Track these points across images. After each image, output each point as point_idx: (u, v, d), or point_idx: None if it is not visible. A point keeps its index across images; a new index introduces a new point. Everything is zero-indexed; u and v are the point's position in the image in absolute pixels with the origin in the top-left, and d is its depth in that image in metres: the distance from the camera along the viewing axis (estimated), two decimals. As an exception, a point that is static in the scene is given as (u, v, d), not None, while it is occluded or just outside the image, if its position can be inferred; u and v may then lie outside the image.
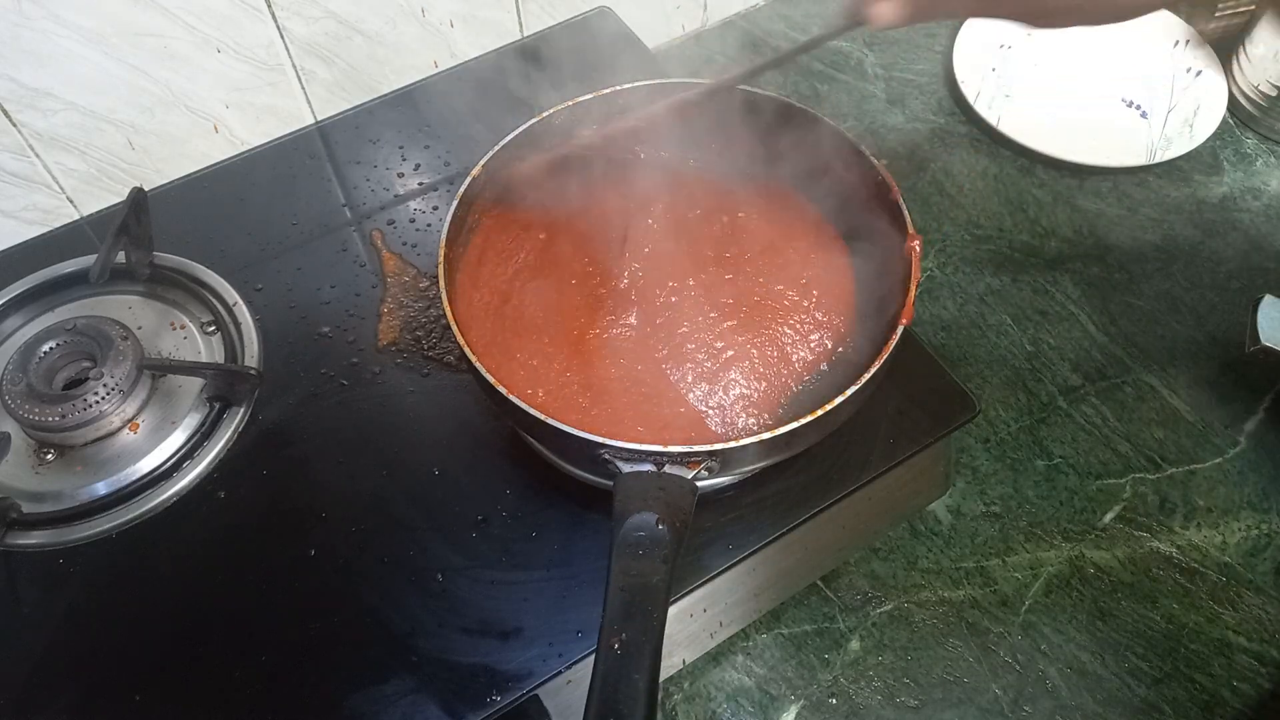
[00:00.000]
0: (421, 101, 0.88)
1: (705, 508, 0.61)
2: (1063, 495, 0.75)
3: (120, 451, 0.65)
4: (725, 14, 1.07)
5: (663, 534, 0.48)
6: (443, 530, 0.61)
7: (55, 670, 0.57)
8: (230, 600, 0.59)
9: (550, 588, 0.59)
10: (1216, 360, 0.81)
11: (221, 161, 0.84)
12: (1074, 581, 0.71)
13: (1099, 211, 0.90)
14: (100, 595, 0.60)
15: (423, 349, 0.70)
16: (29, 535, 0.62)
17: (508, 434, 0.65)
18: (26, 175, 0.78)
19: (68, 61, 0.74)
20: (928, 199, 0.92)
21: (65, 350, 0.66)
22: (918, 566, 0.72)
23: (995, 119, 0.95)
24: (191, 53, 0.78)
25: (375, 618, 0.58)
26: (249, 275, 0.74)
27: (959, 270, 0.87)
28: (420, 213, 0.79)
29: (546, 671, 0.56)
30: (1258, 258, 0.87)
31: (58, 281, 0.73)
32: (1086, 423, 0.78)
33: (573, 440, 0.52)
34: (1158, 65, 0.99)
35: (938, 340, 0.83)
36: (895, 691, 0.67)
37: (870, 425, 0.64)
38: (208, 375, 0.67)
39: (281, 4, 0.79)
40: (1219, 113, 0.94)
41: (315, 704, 0.55)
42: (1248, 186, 0.92)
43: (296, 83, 0.85)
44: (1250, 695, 0.66)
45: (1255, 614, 0.69)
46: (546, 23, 0.94)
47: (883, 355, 0.53)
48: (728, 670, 0.68)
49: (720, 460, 0.52)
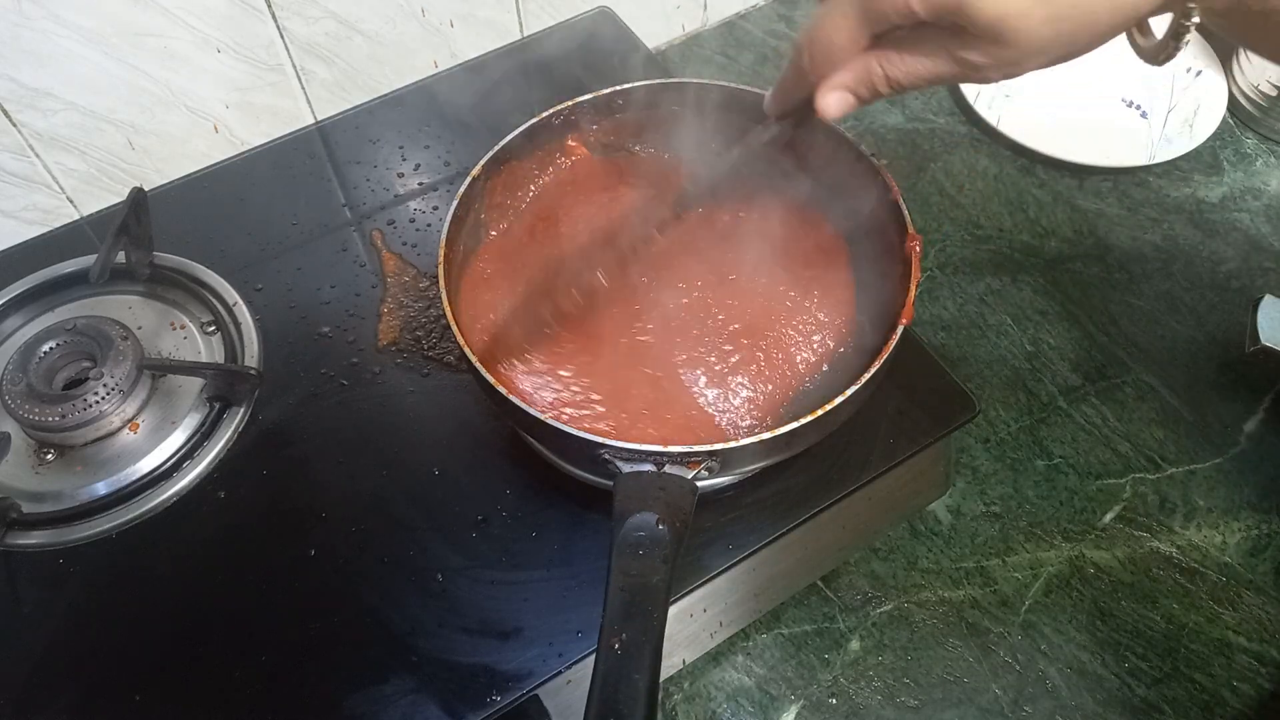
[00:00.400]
0: (421, 101, 0.88)
1: (705, 508, 0.61)
2: (1063, 495, 0.75)
3: (120, 451, 0.65)
4: (725, 14, 1.07)
5: (663, 534, 0.48)
6: (443, 530, 0.61)
7: (55, 670, 0.57)
8: (230, 600, 0.59)
9: (550, 588, 0.59)
10: (1216, 360, 0.81)
11: (221, 161, 0.84)
12: (1074, 581, 0.71)
13: (1099, 211, 0.90)
14: (100, 595, 0.60)
15: (423, 349, 0.70)
16: (29, 535, 0.62)
17: (508, 434, 0.65)
18: (26, 175, 0.78)
19: (68, 61, 0.74)
20: (928, 199, 0.92)
21: (65, 350, 0.66)
22: (918, 566, 0.72)
23: (995, 119, 0.95)
24: (191, 53, 0.78)
25: (375, 618, 0.58)
26: (249, 275, 0.74)
27: (959, 270, 0.87)
28: (420, 213, 0.79)
29: (546, 671, 0.56)
30: (1258, 258, 0.87)
31: (58, 281, 0.73)
32: (1086, 423, 0.78)
33: (573, 440, 0.52)
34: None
35: (938, 340, 0.83)
36: (895, 691, 0.67)
37: (870, 425, 0.64)
38: (208, 375, 0.67)
39: (281, 4, 0.79)
40: (1219, 113, 0.94)
41: (315, 704, 0.55)
42: (1248, 186, 0.92)
43: (296, 83, 0.85)
44: (1250, 695, 0.66)
45: (1255, 614, 0.69)
46: (546, 23, 0.94)
47: (883, 355, 0.53)
48: (728, 670, 0.68)
49: (720, 460, 0.52)
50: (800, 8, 1.08)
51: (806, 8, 1.07)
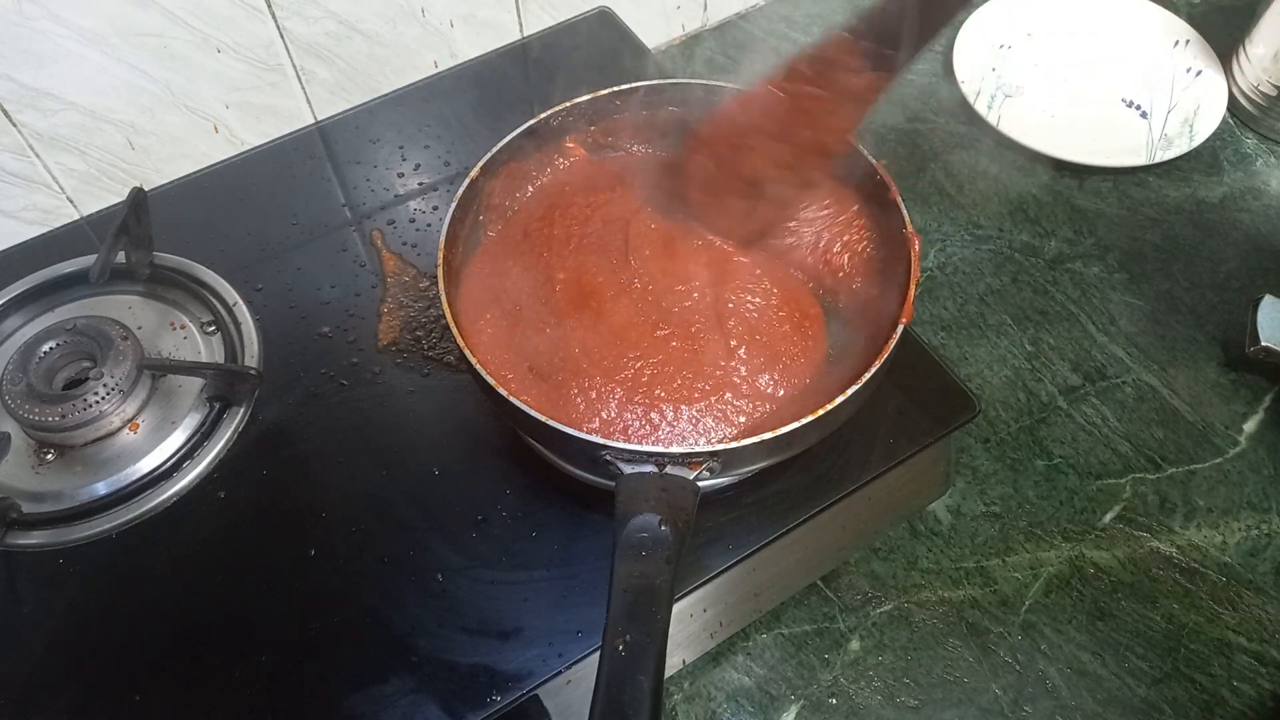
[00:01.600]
0: (421, 101, 0.88)
1: (705, 508, 0.61)
2: (1063, 495, 0.75)
3: (120, 451, 0.65)
4: (725, 14, 1.07)
5: (665, 535, 0.48)
6: (443, 530, 0.61)
7: (55, 670, 0.57)
8: (230, 600, 0.59)
9: (550, 588, 0.59)
10: (1216, 360, 0.81)
11: (221, 161, 0.84)
12: (1074, 581, 0.71)
13: (1099, 211, 0.90)
14: (100, 595, 0.60)
15: (423, 349, 0.70)
16: (29, 535, 0.62)
17: (508, 434, 0.65)
18: (26, 175, 0.78)
19: (68, 61, 0.74)
20: (928, 199, 0.92)
21: (65, 350, 0.66)
22: (918, 566, 0.72)
23: (995, 119, 0.95)
24: (191, 53, 0.78)
25: (375, 618, 0.58)
26: (249, 275, 0.74)
27: (959, 270, 0.87)
28: (420, 213, 0.79)
29: (546, 671, 0.56)
30: (1258, 258, 0.87)
31: (58, 281, 0.73)
32: (1086, 423, 0.78)
33: (574, 442, 0.52)
34: (1158, 65, 0.99)
35: (938, 340, 0.83)
36: (895, 691, 0.67)
37: (870, 425, 0.64)
38: (208, 375, 0.67)
39: (281, 4, 0.79)
40: (1219, 113, 0.94)
41: (315, 704, 0.55)
42: (1248, 186, 0.92)
43: (296, 83, 0.85)
44: (1250, 695, 0.66)
45: (1255, 614, 0.69)
46: (546, 23, 0.94)
47: (883, 355, 0.53)
48: (728, 670, 0.69)
49: (721, 461, 0.52)
50: (800, 7, 1.08)
51: (806, 8, 1.07)
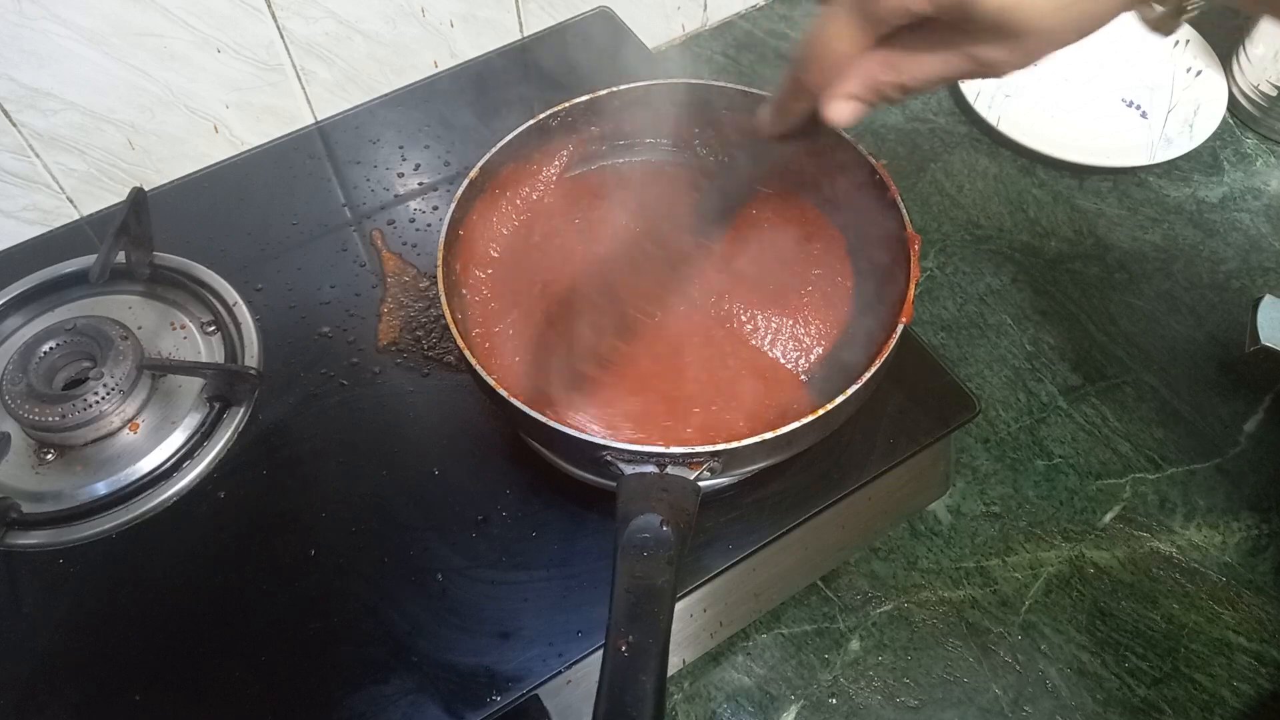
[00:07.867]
0: (421, 101, 0.88)
1: (706, 508, 0.61)
2: (1063, 495, 0.75)
3: (120, 451, 0.65)
4: (725, 14, 1.07)
5: (667, 535, 0.48)
6: (443, 530, 0.61)
7: (55, 670, 0.57)
8: (230, 600, 0.59)
9: (550, 588, 0.59)
10: (1216, 360, 0.81)
11: (221, 161, 0.84)
12: (1074, 581, 0.71)
13: (1099, 211, 0.90)
14: (100, 595, 0.60)
15: (423, 349, 0.70)
16: (29, 535, 0.62)
17: (508, 434, 0.65)
18: (26, 175, 0.78)
19: (68, 61, 0.74)
20: (928, 199, 0.92)
21: (65, 350, 0.66)
22: (918, 566, 0.72)
23: (995, 119, 0.95)
24: (191, 53, 0.78)
25: (375, 618, 0.58)
26: (249, 275, 0.74)
27: (959, 270, 0.87)
28: (420, 213, 0.79)
29: (546, 671, 0.56)
30: (1258, 258, 0.87)
31: (58, 281, 0.73)
32: (1086, 423, 0.78)
33: (574, 442, 0.52)
34: (1158, 65, 0.99)
35: (938, 340, 0.83)
36: (895, 691, 0.67)
37: (870, 425, 0.64)
38: (208, 375, 0.67)
39: (281, 4, 0.79)
40: (1219, 113, 0.94)
41: (315, 704, 0.55)
42: (1248, 186, 0.92)
43: (296, 83, 0.85)
44: (1250, 695, 0.66)
45: (1255, 614, 0.69)
46: (546, 23, 0.94)
47: (883, 355, 0.53)
48: (728, 670, 0.68)
49: (722, 461, 0.52)
50: (800, 7, 1.08)
51: (806, 8, 1.07)
